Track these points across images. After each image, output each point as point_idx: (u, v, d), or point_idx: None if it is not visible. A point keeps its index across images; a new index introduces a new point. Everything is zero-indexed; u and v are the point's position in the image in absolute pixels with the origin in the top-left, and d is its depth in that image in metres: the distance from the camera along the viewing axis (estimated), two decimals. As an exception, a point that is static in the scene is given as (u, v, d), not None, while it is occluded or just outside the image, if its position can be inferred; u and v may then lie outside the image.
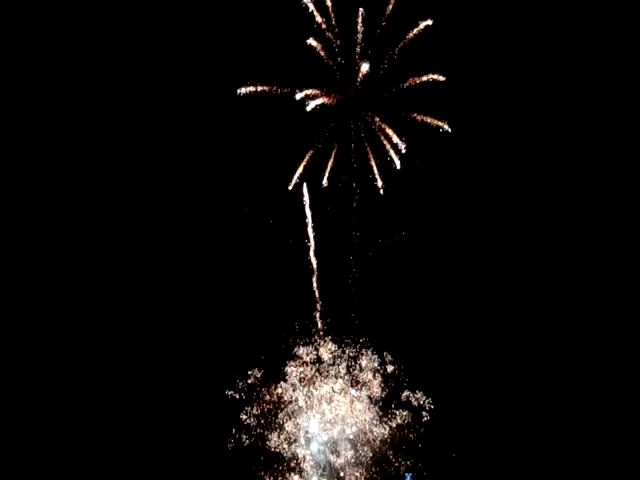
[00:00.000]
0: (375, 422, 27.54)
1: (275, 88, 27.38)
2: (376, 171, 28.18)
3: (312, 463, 27.07)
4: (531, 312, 27.74)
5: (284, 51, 27.18)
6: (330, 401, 27.57)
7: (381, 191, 28.33)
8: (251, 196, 28.36)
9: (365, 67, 27.64)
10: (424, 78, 27.39)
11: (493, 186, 28.50)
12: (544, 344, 27.58)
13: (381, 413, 27.70)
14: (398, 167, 27.83)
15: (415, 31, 27.15)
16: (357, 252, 28.46)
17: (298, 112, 27.34)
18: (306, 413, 27.52)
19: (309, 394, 27.66)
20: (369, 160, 28.18)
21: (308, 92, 27.33)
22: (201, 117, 28.60)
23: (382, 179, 28.21)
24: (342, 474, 27.08)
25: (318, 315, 28.13)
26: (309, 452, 27.12)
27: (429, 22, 26.95)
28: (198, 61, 28.38)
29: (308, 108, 27.37)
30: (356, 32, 27.34)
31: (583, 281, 27.67)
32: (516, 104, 27.92)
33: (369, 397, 27.83)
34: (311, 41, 27.20)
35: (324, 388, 27.65)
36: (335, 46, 27.69)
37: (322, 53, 27.50)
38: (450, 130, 27.50)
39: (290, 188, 28.15)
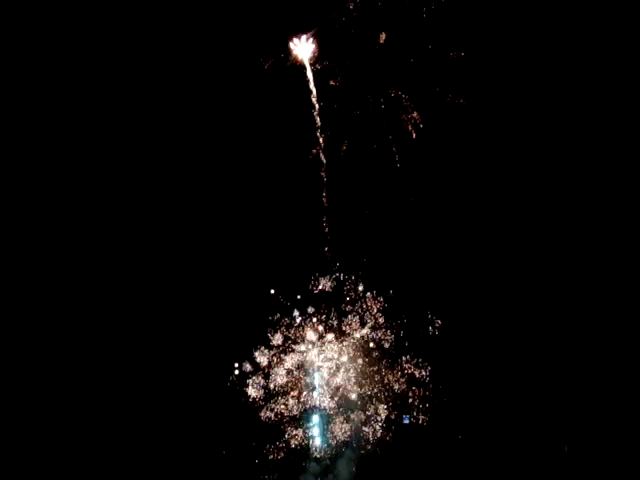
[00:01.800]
0: (375, 368, 28.53)
1: (294, 58, 27.84)
2: (393, 142, 28.69)
3: (312, 411, 28.39)
4: (541, 279, 28.13)
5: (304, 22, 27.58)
6: (329, 350, 28.69)
7: (397, 165, 28.88)
8: (271, 164, 29.12)
9: (384, 38, 28.03)
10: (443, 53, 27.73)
11: (508, 160, 28.66)
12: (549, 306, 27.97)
13: (381, 360, 28.64)
14: (414, 137, 28.31)
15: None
16: (371, 221, 29.18)
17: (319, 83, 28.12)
18: (305, 363, 28.68)
19: (308, 345, 28.82)
20: (386, 131, 28.66)
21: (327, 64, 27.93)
22: (223, 86, 29.24)
23: (398, 150, 28.71)
24: (340, 417, 28.21)
25: (328, 281, 28.98)
26: (309, 400, 28.44)
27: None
28: (217, 33, 28.82)
29: (331, 82, 28.04)
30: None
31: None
32: (536, 78, 27.95)
33: (368, 345, 28.72)
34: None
35: (324, 337, 28.79)
36: (354, 16, 28.03)
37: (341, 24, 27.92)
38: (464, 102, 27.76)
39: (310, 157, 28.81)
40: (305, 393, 28.63)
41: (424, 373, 28.06)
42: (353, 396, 28.36)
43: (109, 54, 28.96)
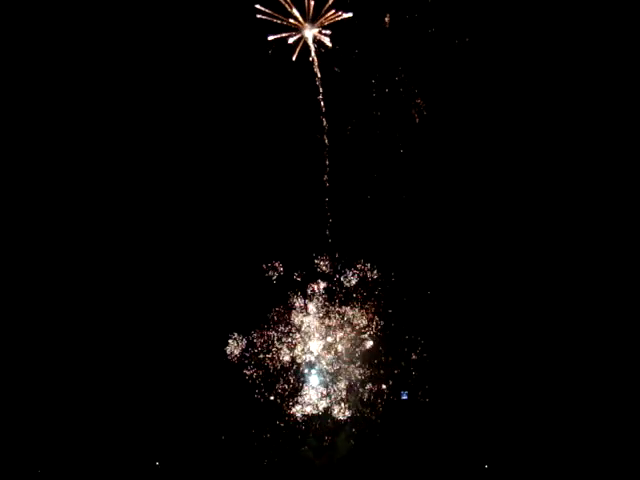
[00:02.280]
0: (374, 346, 29.35)
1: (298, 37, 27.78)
2: (396, 126, 29.17)
3: (312, 387, 29.15)
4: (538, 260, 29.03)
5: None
6: (328, 328, 29.46)
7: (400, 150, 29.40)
8: (275, 143, 29.33)
9: (388, 21, 28.29)
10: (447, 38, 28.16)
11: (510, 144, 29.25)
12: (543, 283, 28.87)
13: (380, 337, 29.47)
14: (417, 121, 28.82)
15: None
16: (373, 204, 29.76)
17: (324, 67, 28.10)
18: (305, 341, 29.40)
19: (308, 323, 29.52)
20: (390, 116, 29.10)
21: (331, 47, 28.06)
22: (231, 65, 29.08)
23: (401, 134, 29.20)
24: (339, 393, 29.05)
25: (329, 261, 29.62)
26: (309, 377, 29.23)
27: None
28: (221, 15, 28.37)
29: (335, 69, 28.32)
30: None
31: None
32: (541, 66, 28.27)
33: (367, 323, 29.49)
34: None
35: (323, 316, 29.56)
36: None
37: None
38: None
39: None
40: (305, 370, 29.27)
41: (422, 351, 28.96)
42: (353, 372, 29.09)
43: (107, 40, 28.53)
